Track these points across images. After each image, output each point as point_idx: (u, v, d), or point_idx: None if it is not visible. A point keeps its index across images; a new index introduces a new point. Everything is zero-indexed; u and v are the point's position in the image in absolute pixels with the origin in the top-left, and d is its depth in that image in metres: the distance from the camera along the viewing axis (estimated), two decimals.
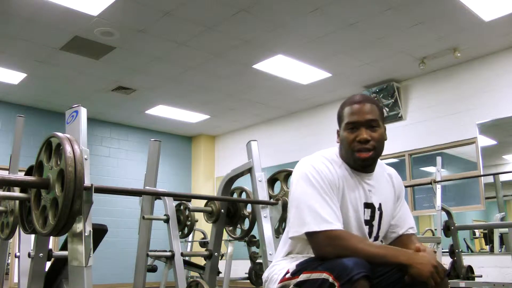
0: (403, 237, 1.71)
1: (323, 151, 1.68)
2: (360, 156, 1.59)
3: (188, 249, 6.29)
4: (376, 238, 1.67)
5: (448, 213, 4.65)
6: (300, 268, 1.49)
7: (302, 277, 1.46)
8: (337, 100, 7.06)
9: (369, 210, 1.63)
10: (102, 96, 7.17)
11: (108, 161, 8.29)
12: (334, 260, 1.40)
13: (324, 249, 1.47)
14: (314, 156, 1.65)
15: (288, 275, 1.53)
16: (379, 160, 1.73)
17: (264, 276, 1.69)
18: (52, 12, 4.66)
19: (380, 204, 1.66)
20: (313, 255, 1.54)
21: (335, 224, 1.48)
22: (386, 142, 1.66)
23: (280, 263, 1.64)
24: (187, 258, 5.51)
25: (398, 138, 6.45)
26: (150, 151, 3.37)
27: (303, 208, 1.52)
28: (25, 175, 2.34)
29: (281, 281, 1.55)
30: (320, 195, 1.52)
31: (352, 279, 1.32)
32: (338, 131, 1.70)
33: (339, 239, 1.46)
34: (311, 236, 1.50)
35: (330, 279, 1.37)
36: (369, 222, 1.63)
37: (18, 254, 2.97)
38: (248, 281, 5.77)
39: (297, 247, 1.63)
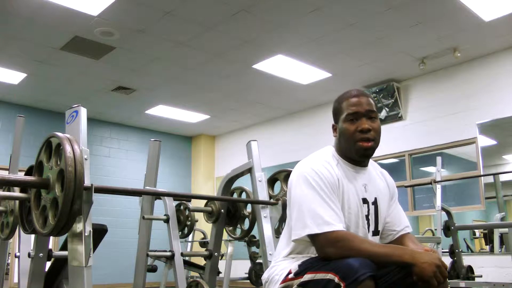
0: (402, 236, 1.72)
1: (319, 152, 1.70)
2: (363, 146, 1.61)
3: (188, 249, 6.30)
4: (375, 233, 1.68)
5: (448, 213, 4.65)
6: (304, 268, 1.49)
7: (306, 277, 1.46)
8: None
9: (366, 205, 1.65)
10: (102, 96, 7.17)
11: (108, 161, 8.29)
12: (340, 261, 1.40)
13: (327, 250, 1.47)
14: (312, 158, 1.66)
15: (290, 276, 1.52)
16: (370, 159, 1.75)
17: (264, 277, 1.69)
18: (52, 12, 4.66)
19: (375, 199, 1.68)
20: (313, 255, 1.54)
21: (336, 225, 1.49)
22: (386, 142, 1.68)
23: (280, 264, 1.64)
24: (187, 258, 5.51)
25: (398, 138, 6.44)
26: (150, 151, 3.37)
27: (304, 211, 1.53)
28: (25, 175, 2.34)
29: (283, 281, 1.54)
30: (321, 197, 1.53)
31: (358, 279, 1.32)
32: (334, 126, 1.72)
33: (342, 241, 1.46)
34: (313, 239, 1.50)
35: (336, 280, 1.37)
36: (366, 217, 1.65)
37: (18, 254, 2.97)
38: (248, 281, 5.77)
39: (298, 248, 1.63)
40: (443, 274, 1.40)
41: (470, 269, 4.77)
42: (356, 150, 1.62)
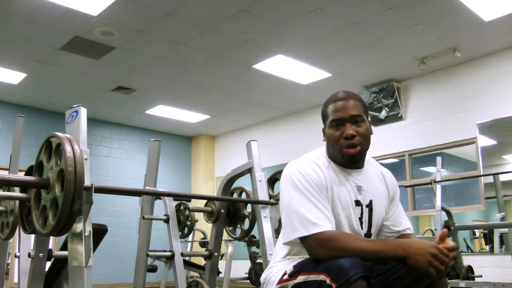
0: (402, 237, 1.69)
1: (310, 153, 1.69)
2: (349, 152, 1.59)
3: (188, 249, 6.30)
4: (367, 236, 1.65)
5: (448, 213, 4.65)
6: (298, 270, 1.49)
7: (300, 278, 1.45)
8: None
9: (359, 207, 1.62)
10: (102, 96, 7.17)
11: (108, 161, 8.29)
12: (332, 261, 1.39)
13: (317, 252, 1.46)
14: (300, 160, 1.65)
15: (285, 277, 1.52)
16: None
17: (262, 278, 1.69)
18: (52, 12, 4.66)
19: (370, 201, 1.65)
20: None
21: (324, 226, 1.47)
22: (386, 142, 1.67)
23: (277, 265, 1.64)
24: (187, 258, 5.51)
25: (398, 138, 6.44)
26: (150, 151, 3.37)
27: (291, 213, 1.53)
28: (25, 175, 2.34)
29: (279, 282, 1.54)
30: (307, 198, 1.52)
31: (350, 280, 1.31)
32: (323, 130, 1.71)
33: (331, 241, 1.44)
34: (303, 241, 1.50)
35: (328, 281, 1.35)
36: (360, 220, 1.63)
37: (18, 254, 2.97)
38: (248, 281, 5.77)
39: (295, 249, 1.63)
40: (441, 261, 1.35)
41: (470, 269, 4.77)
42: (342, 156, 1.60)
